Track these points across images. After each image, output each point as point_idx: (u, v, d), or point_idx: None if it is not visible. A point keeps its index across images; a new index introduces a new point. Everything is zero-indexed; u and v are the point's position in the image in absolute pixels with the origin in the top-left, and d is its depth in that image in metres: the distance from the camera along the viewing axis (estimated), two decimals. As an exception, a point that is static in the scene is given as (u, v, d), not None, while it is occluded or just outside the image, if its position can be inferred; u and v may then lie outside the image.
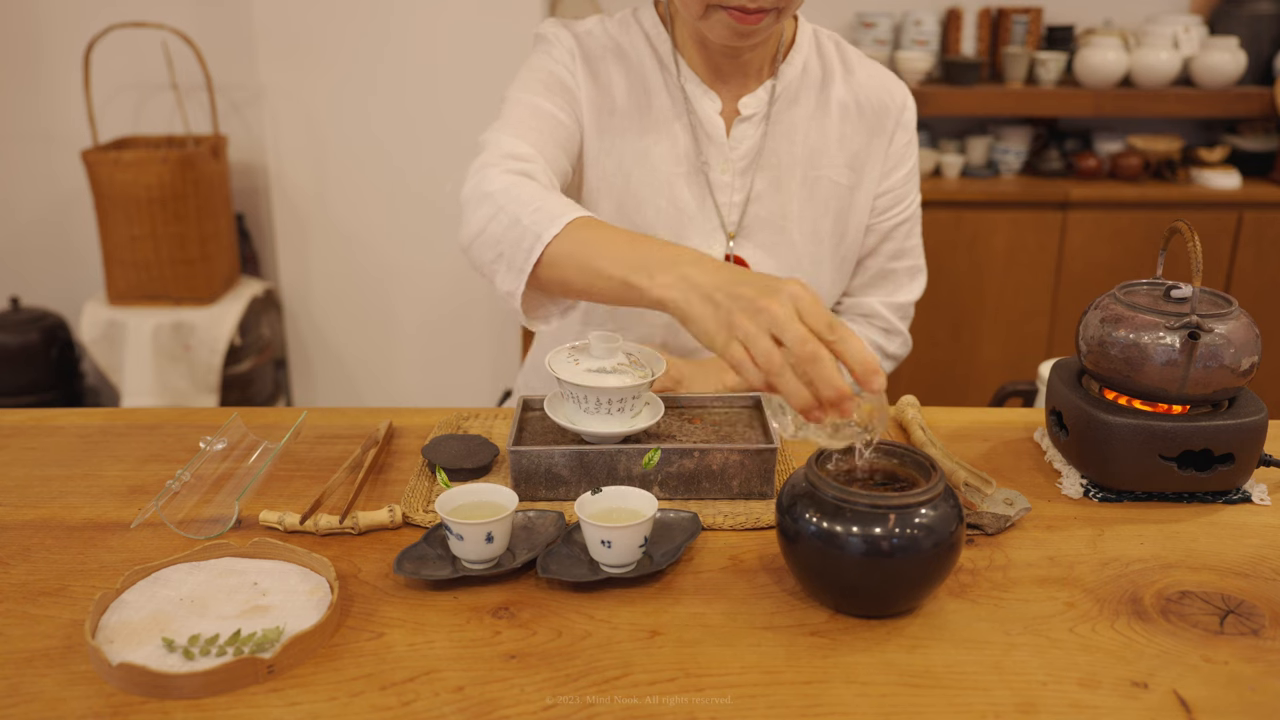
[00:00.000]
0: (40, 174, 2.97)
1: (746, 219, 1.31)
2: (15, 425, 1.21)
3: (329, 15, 2.64)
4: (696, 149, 1.29)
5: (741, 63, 1.28)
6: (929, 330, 2.78)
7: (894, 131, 1.34)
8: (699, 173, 1.29)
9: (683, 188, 1.29)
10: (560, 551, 0.91)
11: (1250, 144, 2.87)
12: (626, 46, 1.30)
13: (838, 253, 1.35)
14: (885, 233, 1.37)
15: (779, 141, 1.31)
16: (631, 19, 1.32)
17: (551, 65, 1.27)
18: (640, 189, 1.29)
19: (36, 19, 2.85)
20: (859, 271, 1.40)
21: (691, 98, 1.29)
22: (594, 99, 1.27)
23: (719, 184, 1.30)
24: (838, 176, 1.32)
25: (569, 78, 1.27)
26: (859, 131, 1.33)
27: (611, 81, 1.28)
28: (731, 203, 1.30)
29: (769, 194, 1.31)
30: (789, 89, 1.31)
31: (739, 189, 1.30)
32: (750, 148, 1.30)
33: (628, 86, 1.28)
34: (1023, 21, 2.89)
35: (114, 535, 0.97)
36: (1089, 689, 0.76)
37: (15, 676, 0.77)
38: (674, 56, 1.29)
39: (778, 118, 1.30)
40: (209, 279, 2.70)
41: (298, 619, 0.82)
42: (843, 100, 1.32)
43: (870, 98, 1.33)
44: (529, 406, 1.13)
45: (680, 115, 1.29)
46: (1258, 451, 1.03)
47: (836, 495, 0.82)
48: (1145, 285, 1.08)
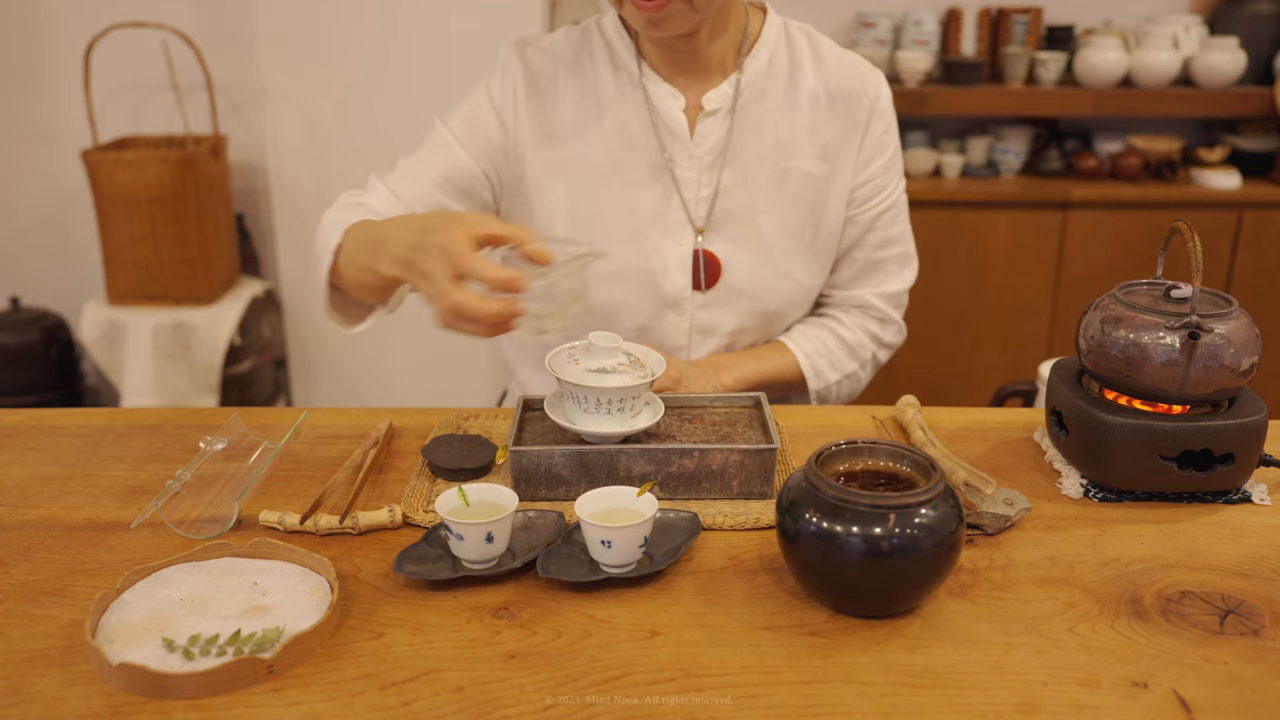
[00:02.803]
0: (40, 174, 2.97)
1: (715, 214, 1.31)
2: (15, 425, 1.21)
3: (330, 15, 2.64)
4: (660, 148, 1.29)
5: (700, 57, 1.28)
6: (929, 330, 2.78)
7: (869, 121, 1.33)
8: (664, 171, 1.30)
9: (643, 191, 1.30)
10: (560, 551, 0.91)
11: (1250, 144, 2.87)
12: (585, 57, 1.32)
13: (814, 245, 1.35)
14: (869, 223, 1.36)
15: (746, 135, 1.31)
16: (594, 26, 1.34)
17: (483, 107, 1.32)
18: (595, 203, 1.30)
19: (36, 19, 2.85)
20: (848, 264, 1.40)
21: (653, 97, 1.30)
22: (536, 125, 1.30)
23: (685, 180, 1.30)
24: (809, 167, 1.32)
25: (496, 119, 1.31)
26: (831, 121, 1.32)
27: (560, 101, 1.31)
28: (699, 198, 1.31)
29: (737, 188, 1.31)
30: (754, 82, 1.31)
31: (706, 184, 1.31)
32: (716, 143, 1.30)
33: (578, 103, 1.31)
34: (1023, 21, 2.89)
35: (114, 535, 0.97)
36: (1089, 689, 0.76)
37: (15, 676, 0.77)
38: (636, 58, 1.30)
39: (744, 111, 1.30)
40: (209, 279, 2.70)
41: (298, 619, 0.82)
42: (813, 90, 1.32)
43: (842, 87, 1.32)
44: (529, 406, 1.13)
45: (641, 116, 1.30)
46: (1258, 451, 1.03)
47: (836, 495, 0.82)
48: (1145, 285, 1.08)
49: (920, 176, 2.85)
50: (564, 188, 1.31)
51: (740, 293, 1.33)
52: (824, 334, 1.39)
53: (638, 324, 1.33)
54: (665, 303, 1.32)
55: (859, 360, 1.41)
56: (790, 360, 1.36)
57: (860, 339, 1.41)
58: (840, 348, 1.39)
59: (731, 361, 1.34)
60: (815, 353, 1.37)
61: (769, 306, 1.34)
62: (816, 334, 1.39)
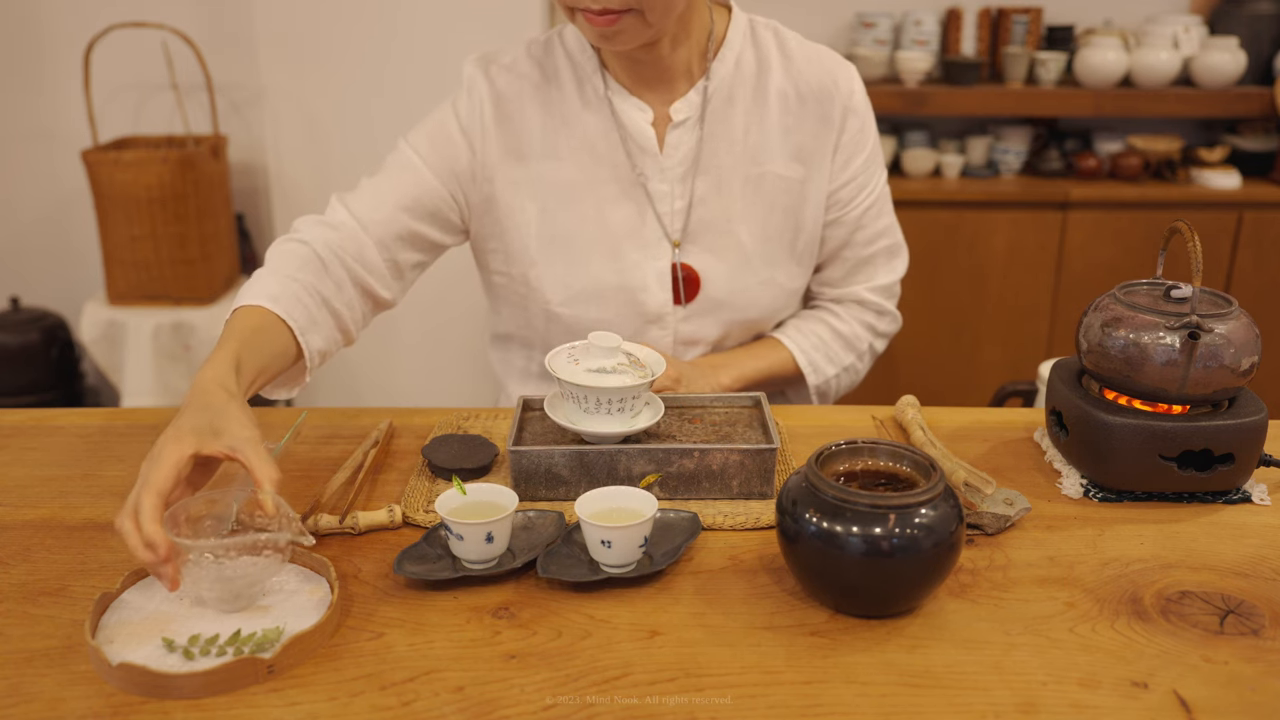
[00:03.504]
0: (40, 174, 2.97)
1: (691, 225, 1.29)
2: (15, 425, 1.21)
3: (330, 15, 2.64)
4: (631, 163, 1.27)
5: (664, 67, 1.25)
6: (929, 330, 2.78)
7: (843, 119, 1.30)
8: (636, 186, 1.28)
9: (616, 208, 1.28)
10: (560, 551, 0.91)
11: (1250, 144, 2.87)
12: (549, 73, 1.28)
13: (795, 248, 1.33)
14: (855, 221, 1.35)
15: (717, 143, 1.28)
16: (556, 39, 1.30)
17: (450, 126, 1.28)
18: (568, 222, 1.28)
19: (36, 19, 2.85)
20: (838, 264, 1.38)
21: (620, 112, 1.27)
22: (505, 145, 1.27)
23: (659, 194, 1.28)
24: (784, 170, 1.29)
25: (463, 139, 1.27)
26: (803, 121, 1.29)
27: (527, 121, 1.27)
28: (674, 210, 1.29)
29: (711, 197, 1.29)
30: (722, 87, 1.28)
31: (680, 196, 1.28)
32: (686, 153, 1.27)
33: (543, 122, 1.27)
34: (1023, 21, 2.89)
35: (114, 535, 0.96)
36: (1089, 689, 0.76)
37: (15, 676, 0.77)
38: (600, 71, 1.27)
39: (713, 118, 1.28)
40: (209, 279, 2.70)
41: (298, 619, 0.82)
42: (782, 90, 1.29)
43: (812, 84, 1.29)
44: (529, 406, 1.13)
45: (609, 132, 1.27)
46: (1258, 451, 1.03)
47: (836, 495, 0.82)
48: (1145, 285, 1.08)
49: (920, 176, 2.85)
50: (536, 208, 1.28)
51: (721, 303, 1.32)
52: (819, 328, 1.39)
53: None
54: (647, 319, 1.31)
55: (855, 352, 1.41)
56: (787, 356, 1.36)
57: (856, 330, 1.40)
58: (836, 341, 1.39)
59: (729, 360, 1.34)
60: (811, 348, 1.37)
61: (750, 314, 1.33)
62: (812, 328, 1.39)
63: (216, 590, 0.83)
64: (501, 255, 1.32)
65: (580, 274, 1.29)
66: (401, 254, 1.26)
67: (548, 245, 1.29)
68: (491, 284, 1.37)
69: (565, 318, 1.31)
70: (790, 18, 1.39)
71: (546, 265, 1.29)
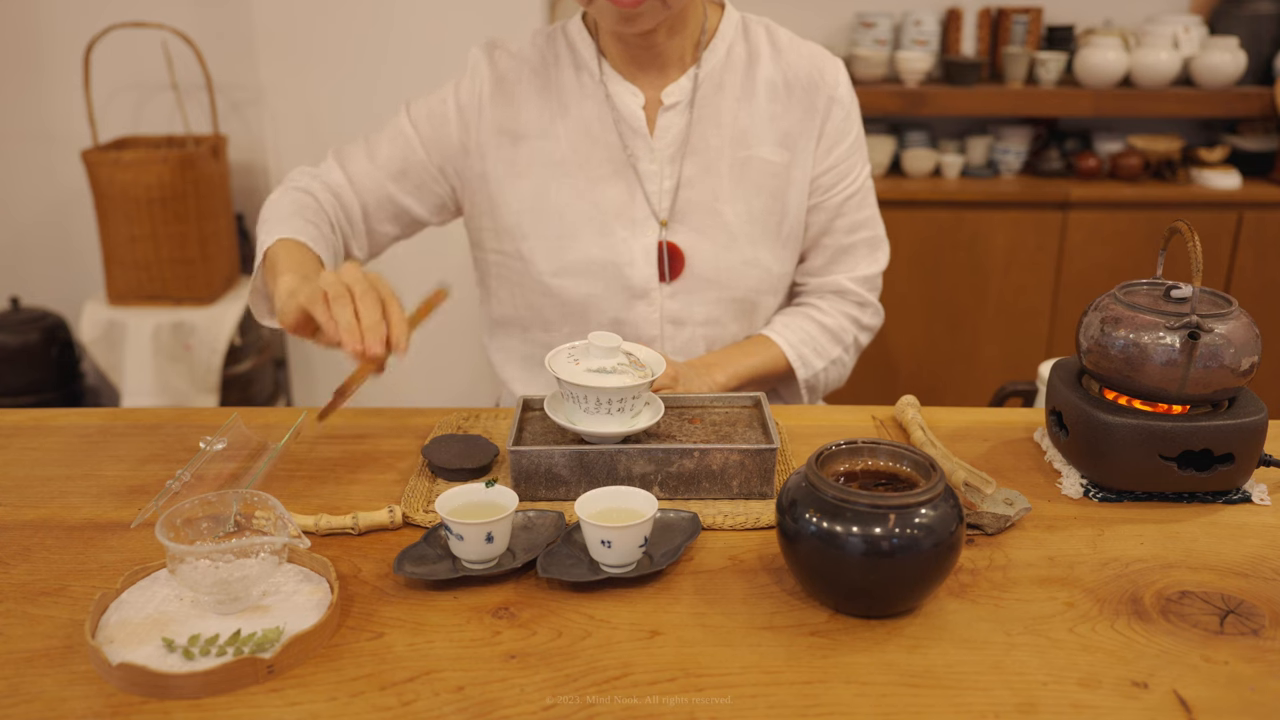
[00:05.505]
0: (40, 174, 2.97)
1: (678, 205, 1.33)
2: (15, 425, 1.21)
3: (329, 15, 2.64)
4: (622, 144, 1.32)
5: (658, 54, 1.31)
6: (929, 330, 2.79)
7: (828, 107, 1.35)
8: (627, 166, 1.32)
9: (607, 187, 1.33)
10: (560, 551, 0.91)
11: (1250, 144, 2.87)
12: (549, 60, 1.35)
13: (780, 231, 1.37)
14: (836, 208, 1.39)
15: (705, 126, 1.33)
16: (559, 31, 1.37)
17: (448, 104, 1.35)
18: (560, 198, 1.33)
19: (36, 19, 2.85)
20: (819, 251, 1.42)
21: (614, 95, 1.32)
22: (500, 124, 1.34)
23: (648, 174, 1.33)
24: (769, 155, 1.34)
25: (458, 117, 1.34)
26: (790, 109, 1.34)
27: (524, 102, 1.34)
28: (662, 190, 1.33)
29: (699, 178, 1.33)
30: (712, 75, 1.33)
31: (668, 176, 1.33)
32: (676, 135, 1.32)
33: (541, 103, 1.33)
34: (1023, 21, 2.89)
35: (114, 535, 0.97)
36: (1089, 689, 0.76)
37: (15, 676, 0.77)
38: (598, 58, 1.33)
39: (703, 103, 1.33)
40: (209, 279, 2.70)
41: (298, 619, 0.82)
42: (770, 79, 1.34)
43: (800, 75, 1.35)
44: (529, 406, 1.13)
45: (603, 114, 1.32)
46: (1258, 451, 1.03)
47: (836, 495, 0.82)
48: (1145, 285, 1.08)
49: (920, 176, 2.85)
50: (529, 185, 1.33)
51: (707, 281, 1.35)
52: (805, 322, 1.41)
53: (610, 316, 1.35)
54: (634, 294, 1.34)
55: (842, 345, 1.43)
56: (776, 352, 1.38)
57: (841, 323, 1.43)
58: (823, 334, 1.41)
59: (721, 359, 1.35)
60: (799, 342, 1.39)
61: (736, 294, 1.36)
62: (798, 323, 1.41)
63: (214, 592, 0.83)
64: (493, 232, 1.38)
65: (570, 247, 1.34)
66: (381, 225, 1.38)
67: (539, 219, 1.34)
68: (486, 263, 1.42)
69: (557, 289, 1.35)
70: (790, 17, 1.40)
71: (538, 239, 1.34)
